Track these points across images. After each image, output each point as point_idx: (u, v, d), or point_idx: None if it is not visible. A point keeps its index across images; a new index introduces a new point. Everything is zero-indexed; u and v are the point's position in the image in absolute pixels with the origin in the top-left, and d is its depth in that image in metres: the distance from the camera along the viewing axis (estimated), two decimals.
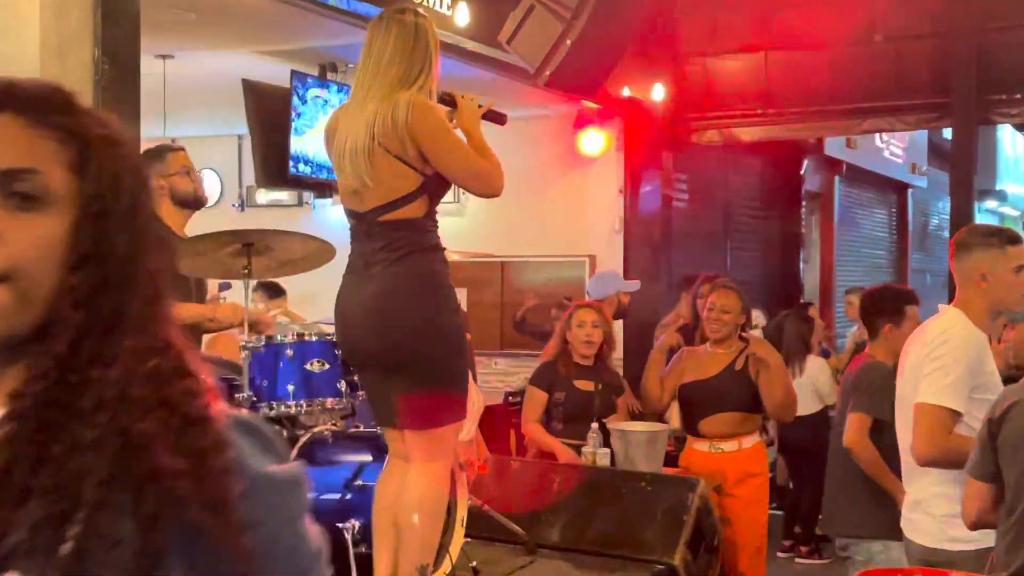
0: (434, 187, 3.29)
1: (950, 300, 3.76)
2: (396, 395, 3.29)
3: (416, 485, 3.32)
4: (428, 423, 3.30)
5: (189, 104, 8.64)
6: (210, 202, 10.51)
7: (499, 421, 6.80)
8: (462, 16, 6.57)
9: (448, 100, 3.41)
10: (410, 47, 3.26)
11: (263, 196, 10.36)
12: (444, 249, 3.34)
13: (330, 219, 9.92)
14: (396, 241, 3.23)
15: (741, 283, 10.50)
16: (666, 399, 5.25)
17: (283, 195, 9.98)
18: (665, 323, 7.60)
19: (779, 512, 7.43)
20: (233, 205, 10.56)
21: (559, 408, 5.28)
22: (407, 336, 3.22)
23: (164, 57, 7.38)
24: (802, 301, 10.26)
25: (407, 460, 3.35)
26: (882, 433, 4.16)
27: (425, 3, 6.53)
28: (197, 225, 4.68)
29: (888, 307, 4.58)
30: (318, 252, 3.93)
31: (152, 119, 8.02)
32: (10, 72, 3.80)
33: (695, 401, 5.10)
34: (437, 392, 3.30)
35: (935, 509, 3.42)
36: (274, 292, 7.13)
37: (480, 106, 3.42)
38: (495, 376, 9.14)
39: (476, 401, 5.36)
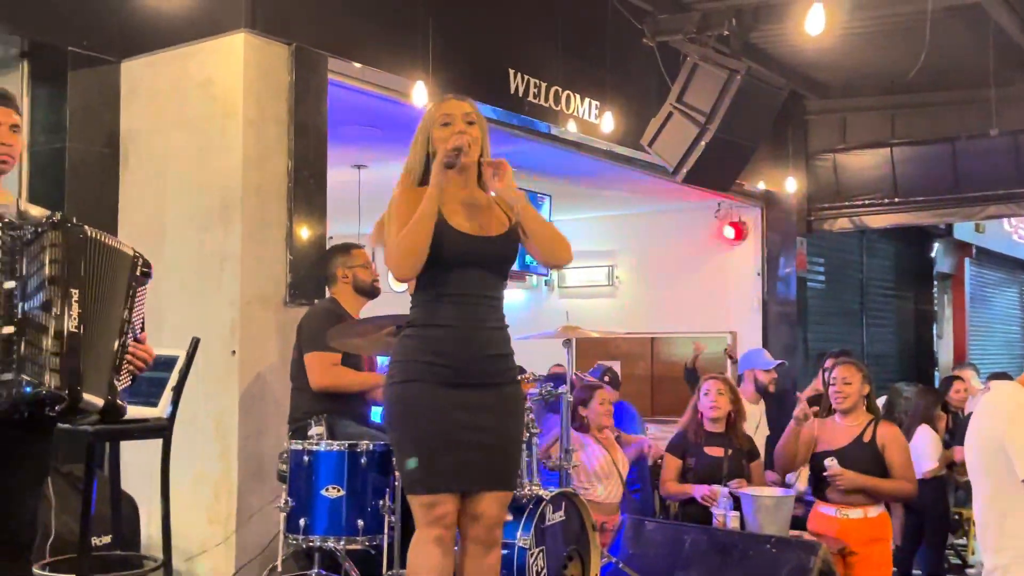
0: None
1: None
2: None
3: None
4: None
5: (381, 206, 8.82)
6: (401, 289, 10.88)
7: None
8: (608, 124, 6.51)
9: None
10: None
11: None
12: (413, 327, 2.93)
13: None
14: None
15: (878, 357, 10.09)
16: (797, 463, 4.93)
17: None
18: (801, 396, 7.27)
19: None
20: None
21: (691, 472, 5.05)
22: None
23: (359, 167, 7.57)
24: (949, 375, 9.60)
25: None
26: None
27: (576, 114, 6.51)
28: (392, 308, 4.68)
29: None
30: None
31: (349, 219, 8.26)
32: (219, 179, 3.93)
33: (825, 469, 4.76)
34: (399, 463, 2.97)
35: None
36: None
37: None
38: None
39: (621, 462, 5.19)
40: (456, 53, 5.63)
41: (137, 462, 4.33)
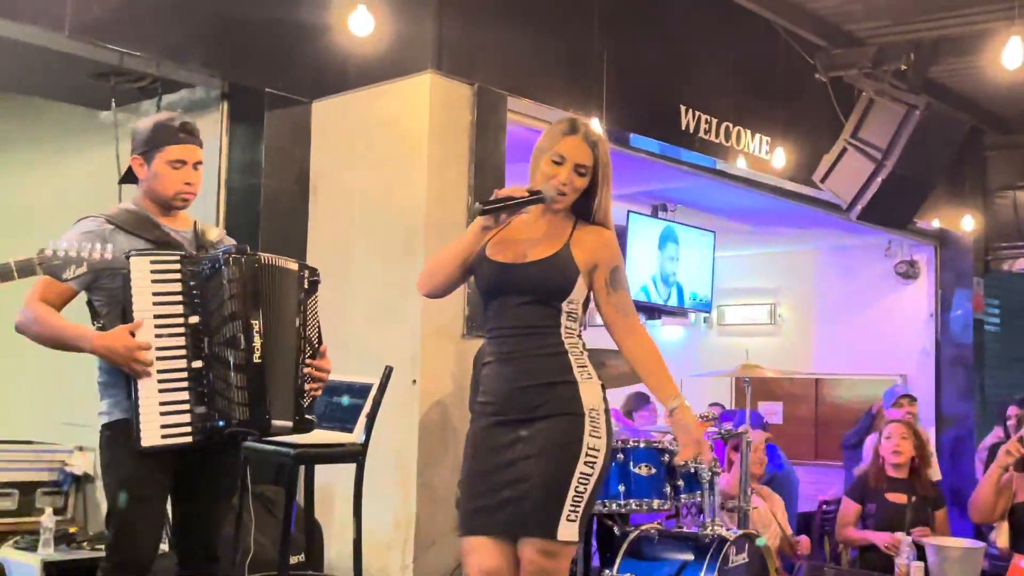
0: None
1: None
2: None
3: None
4: None
5: None
6: None
7: (814, 528, 6.42)
8: (779, 160, 6.44)
9: None
10: None
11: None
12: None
13: (658, 338, 9.88)
14: None
15: None
16: (996, 516, 4.71)
17: None
18: (986, 444, 6.97)
19: None
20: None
21: (870, 519, 4.90)
22: None
23: None
24: None
25: None
26: None
27: (746, 149, 6.46)
28: None
29: None
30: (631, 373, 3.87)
31: None
32: (403, 215, 4.09)
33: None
34: None
35: None
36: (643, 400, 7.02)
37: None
38: (812, 486, 8.66)
39: (780, 512, 5.05)
40: (628, 90, 5.69)
41: (317, 486, 4.50)
